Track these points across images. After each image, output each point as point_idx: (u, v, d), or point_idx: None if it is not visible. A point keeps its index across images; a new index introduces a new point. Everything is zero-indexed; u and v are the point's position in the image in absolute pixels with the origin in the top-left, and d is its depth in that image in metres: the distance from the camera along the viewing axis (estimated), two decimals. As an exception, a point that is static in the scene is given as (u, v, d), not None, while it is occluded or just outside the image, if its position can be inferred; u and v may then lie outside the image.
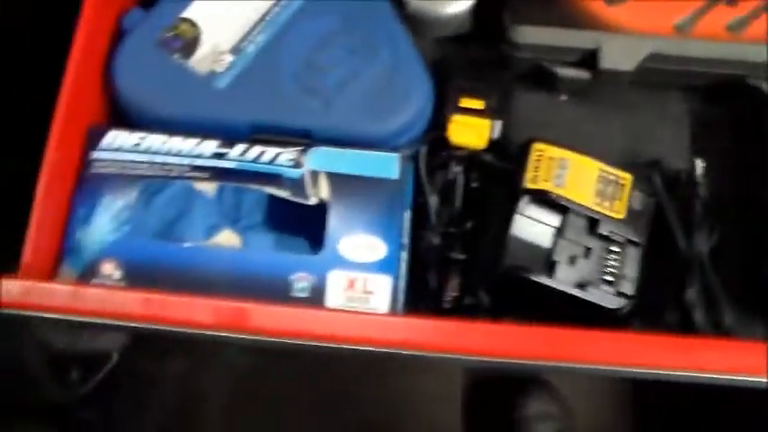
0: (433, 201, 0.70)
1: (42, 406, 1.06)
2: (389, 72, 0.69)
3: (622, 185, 0.69)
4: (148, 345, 1.11)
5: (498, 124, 0.72)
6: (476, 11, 0.76)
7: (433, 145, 0.71)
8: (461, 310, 0.67)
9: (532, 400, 1.01)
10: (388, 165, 0.66)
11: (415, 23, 0.76)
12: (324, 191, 0.65)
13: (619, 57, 0.72)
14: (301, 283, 0.63)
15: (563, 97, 0.77)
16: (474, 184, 0.72)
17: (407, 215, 0.67)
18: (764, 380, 0.59)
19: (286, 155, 0.66)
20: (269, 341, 0.59)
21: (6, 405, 1.03)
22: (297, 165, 0.66)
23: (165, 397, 1.11)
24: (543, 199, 0.67)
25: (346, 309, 0.62)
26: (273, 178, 0.65)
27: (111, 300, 0.60)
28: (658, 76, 0.74)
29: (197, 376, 1.12)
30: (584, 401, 1.07)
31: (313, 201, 0.65)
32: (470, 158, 0.71)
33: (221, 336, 0.59)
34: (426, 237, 0.68)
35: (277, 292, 0.63)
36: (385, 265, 0.63)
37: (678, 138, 0.76)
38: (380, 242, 0.63)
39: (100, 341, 1.09)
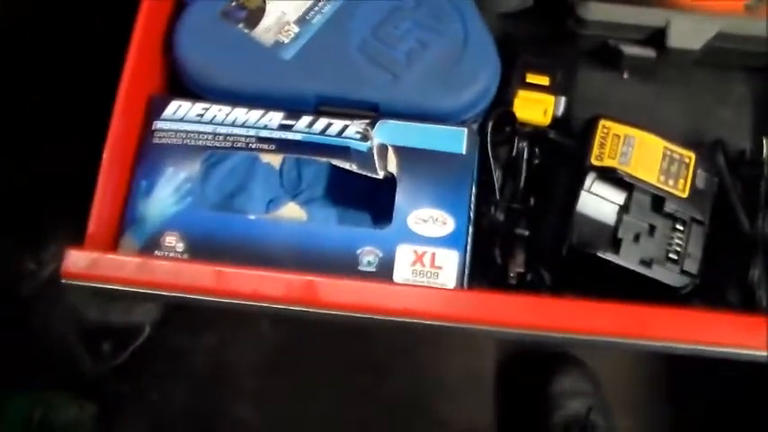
0: (498, 176, 0.70)
1: (76, 378, 1.07)
2: (459, 46, 0.69)
3: (687, 164, 0.69)
4: (181, 317, 1.12)
5: (562, 101, 0.72)
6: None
7: (498, 120, 0.71)
8: (525, 287, 0.68)
9: (564, 376, 1.02)
10: (456, 139, 0.66)
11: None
12: (392, 164, 0.66)
13: (687, 35, 0.72)
14: (369, 257, 0.63)
15: (625, 75, 0.77)
16: (537, 161, 0.72)
17: (474, 190, 0.67)
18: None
19: (354, 128, 0.66)
20: (339, 315, 0.60)
21: (42, 376, 1.04)
22: (365, 138, 0.66)
23: (196, 369, 1.12)
24: (609, 176, 0.68)
25: (414, 283, 0.62)
26: (341, 151, 0.66)
27: (181, 272, 0.60)
28: (724, 56, 0.75)
29: (228, 349, 1.13)
30: (615, 376, 1.07)
31: (381, 174, 0.66)
32: (535, 134, 0.72)
33: (291, 309, 0.60)
34: (491, 212, 0.69)
35: (344, 266, 0.63)
36: (453, 240, 0.64)
37: (740, 119, 0.77)
38: (449, 216, 0.64)
39: (133, 314, 1.10)
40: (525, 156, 0.71)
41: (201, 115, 0.68)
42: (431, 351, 1.11)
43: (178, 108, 0.69)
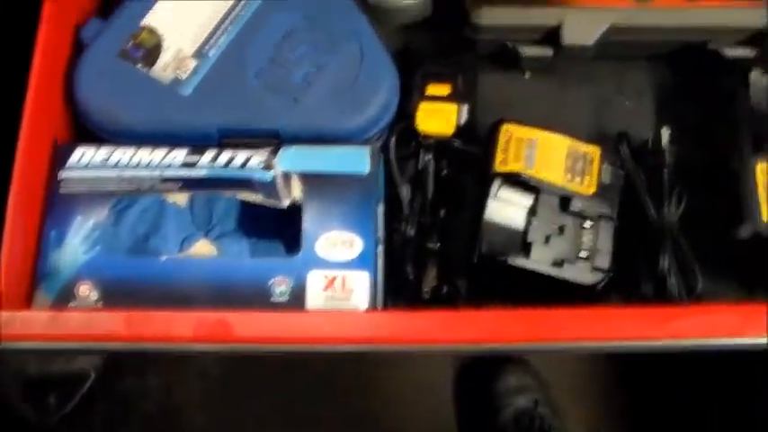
0: (406, 191, 0.74)
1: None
2: (355, 65, 0.74)
3: (591, 160, 0.74)
4: (125, 361, 1.15)
5: (465, 109, 0.77)
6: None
7: (401, 135, 0.75)
8: (441, 300, 0.72)
9: (509, 374, 1.07)
10: (358, 159, 0.70)
11: (378, 12, 0.81)
12: (296, 191, 0.70)
13: (580, 32, 0.77)
14: (280, 287, 0.68)
15: (527, 75, 0.82)
16: (445, 171, 0.76)
17: (381, 208, 0.71)
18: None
19: (257, 158, 0.71)
20: (254, 349, 0.64)
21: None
22: (268, 167, 0.70)
23: (145, 411, 1.16)
24: (515, 181, 0.72)
25: (327, 309, 0.66)
26: (245, 183, 0.70)
27: (93, 322, 0.63)
28: (621, 48, 0.80)
29: (175, 388, 1.16)
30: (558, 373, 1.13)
31: (286, 203, 0.70)
32: (440, 145, 0.76)
33: (205, 348, 0.64)
34: (401, 228, 0.73)
35: (257, 298, 0.67)
36: (362, 262, 0.68)
37: (643, 108, 0.82)
38: (357, 238, 0.68)
39: (76, 362, 1.13)
40: (431, 168, 0.75)
41: (106, 160, 0.72)
42: (379, 367, 1.15)
43: (83, 155, 0.72)
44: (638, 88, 0.83)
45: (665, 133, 0.77)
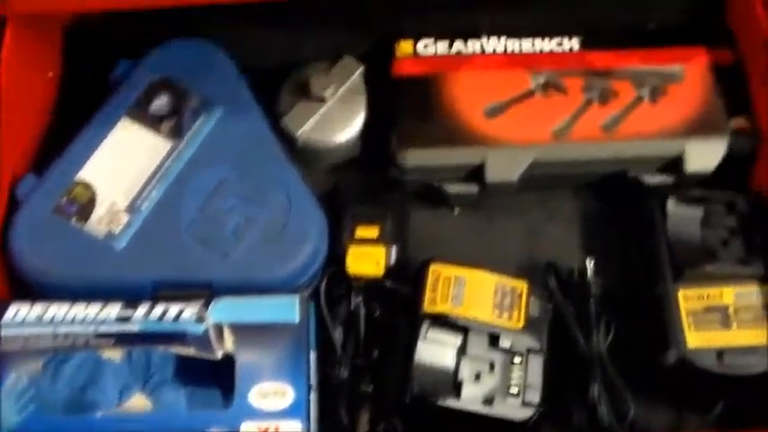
0: (338, 335, 0.77)
1: None
2: (283, 215, 0.77)
3: (519, 294, 0.77)
4: None
5: (394, 250, 0.80)
6: (364, 136, 0.84)
7: (332, 278, 0.78)
8: (377, 442, 0.74)
9: None
10: (287, 309, 0.73)
11: (307, 155, 0.84)
12: (229, 343, 0.72)
13: (502, 169, 0.80)
14: (216, 438, 0.69)
15: (456, 211, 0.85)
16: (378, 313, 0.79)
17: (313, 356, 0.74)
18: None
19: (189, 310, 0.73)
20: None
21: None
22: (200, 319, 0.72)
23: None
24: (443, 321, 0.75)
25: (261, 460, 0.68)
26: (178, 337, 0.72)
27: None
28: (545, 181, 0.83)
29: None
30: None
31: (219, 355, 0.72)
32: (370, 287, 0.78)
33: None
34: (334, 372, 0.75)
35: (194, 451, 0.69)
36: (295, 411, 0.70)
37: (572, 236, 0.85)
38: (288, 387, 0.71)
39: None
40: (362, 310, 0.78)
41: (41, 317, 0.74)
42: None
43: (17, 312, 0.74)
44: (565, 217, 0.86)
45: (590, 264, 0.80)
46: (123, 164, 0.80)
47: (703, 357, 0.76)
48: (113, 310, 0.74)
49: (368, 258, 0.79)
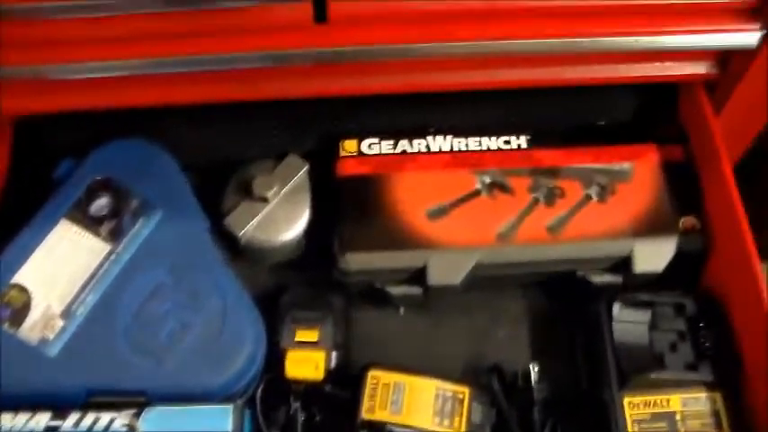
0: (274, 439, 0.76)
1: None
2: (219, 320, 0.77)
3: (461, 400, 0.76)
4: None
5: (334, 354, 0.79)
6: (309, 235, 0.84)
7: (270, 383, 0.77)
8: None
9: None
10: (220, 418, 0.72)
11: (250, 254, 0.84)
12: (159, 454, 0.71)
13: (445, 272, 0.80)
14: None
15: (401, 311, 0.84)
16: (318, 417, 0.78)
17: (244, 465, 0.73)
18: None
19: (120, 420, 0.72)
20: None
21: None
22: (131, 429, 0.72)
23: None
24: (381, 430, 0.74)
25: None
26: (108, 447, 0.71)
27: None
28: (490, 282, 0.83)
29: None
30: None
31: (149, 468, 0.71)
32: (310, 391, 0.78)
33: None
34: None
35: None
36: None
37: (518, 337, 0.85)
38: (218, 506, 0.70)
39: None
40: (301, 415, 0.77)
41: (-33, 425, 0.73)
42: None
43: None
44: (513, 317, 0.86)
45: (534, 369, 0.79)
46: (60, 267, 0.79)
47: (649, 468, 0.75)
48: (43, 419, 0.73)
49: (307, 362, 0.78)
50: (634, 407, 0.77)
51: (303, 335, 0.80)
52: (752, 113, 0.85)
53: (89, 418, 0.73)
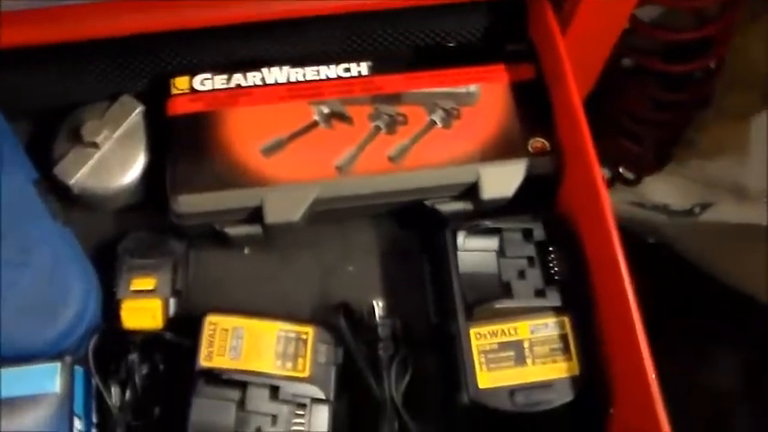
0: (115, 395, 0.75)
1: None
2: (47, 275, 0.75)
3: (305, 341, 0.76)
4: None
5: (173, 302, 0.78)
6: (147, 179, 0.83)
7: (107, 336, 0.76)
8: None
9: None
10: (47, 377, 0.72)
11: (86, 202, 0.82)
12: (-15, 418, 0.70)
13: (283, 209, 0.79)
14: None
15: (246, 251, 0.83)
16: (162, 367, 0.77)
17: (80, 424, 0.72)
18: None
19: (-55, 386, 0.71)
20: None
21: None
22: (-44, 401, 0.71)
23: None
24: (220, 377, 0.73)
25: None
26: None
27: None
28: (334, 216, 0.82)
29: None
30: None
31: (-30, 434, 0.70)
32: (150, 341, 0.77)
33: None
34: (111, 436, 0.74)
35: None
36: (53, 488, 0.69)
37: (368, 272, 0.84)
38: (43, 465, 0.69)
39: None
40: (142, 367, 0.76)
41: None
42: None
43: None
44: (363, 251, 0.85)
45: (378, 305, 0.79)
46: None
47: (495, 397, 0.75)
48: None
49: (144, 312, 0.78)
50: (480, 337, 0.77)
51: (139, 283, 0.79)
52: (599, 35, 0.84)
53: None
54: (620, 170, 1.42)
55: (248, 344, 0.76)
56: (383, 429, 0.75)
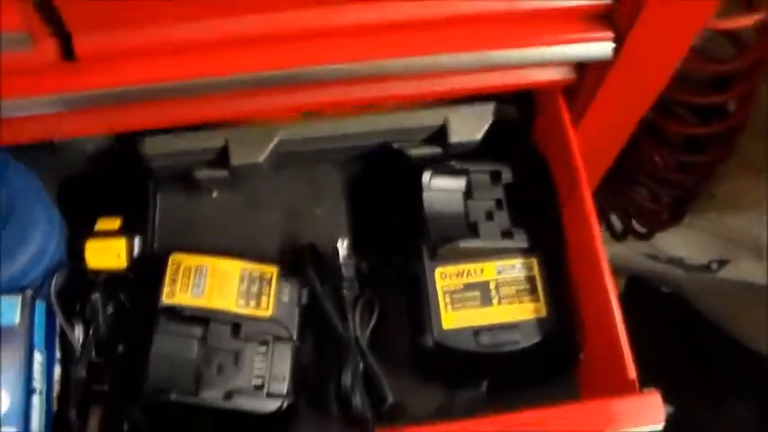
0: (78, 332, 0.76)
1: None
2: (6, 214, 0.75)
3: (268, 280, 0.77)
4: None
5: (137, 240, 0.79)
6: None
7: (72, 275, 0.77)
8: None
9: None
10: (6, 311, 0.72)
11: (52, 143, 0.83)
12: (-56, 351, 0.71)
13: (247, 151, 0.79)
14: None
15: (214, 194, 0.84)
16: (127, 305, 0.78)
17: (40, 357, 0.73)
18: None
19: None
20: None
21: None
22: None
23: None
24: (182, 313, 0.74)
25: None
26: None
27: None
28: (299, 159, 0.82)
29: None
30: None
31: (-67, 363, 0.71)
32: (113, 281, 0.78)
33: None
34: (73, 371, 0.75)
35: None
36: (10, 417, 0.70)
37: (337, 214, 0.84)
38: (3, 393, 0.70)
39: None
40: (105, 306, 0.77)
41: None
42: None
43: None
44: (331, 194, 0.86)
45: (342, 245, 0.80)
46: None
47: (460, 337, 0.76)
48: None
49: (108, 251, 0.78)
50: (446, 277, 0.78)
51: (104, 223, 0.80)
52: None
53: None
54: (633, 223, 1.34)
55: (211, 282, 0.76)
56: (347, 370, 0.76)
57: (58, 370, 0.77)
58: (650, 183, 1.21)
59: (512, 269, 0.79)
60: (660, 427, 0.66)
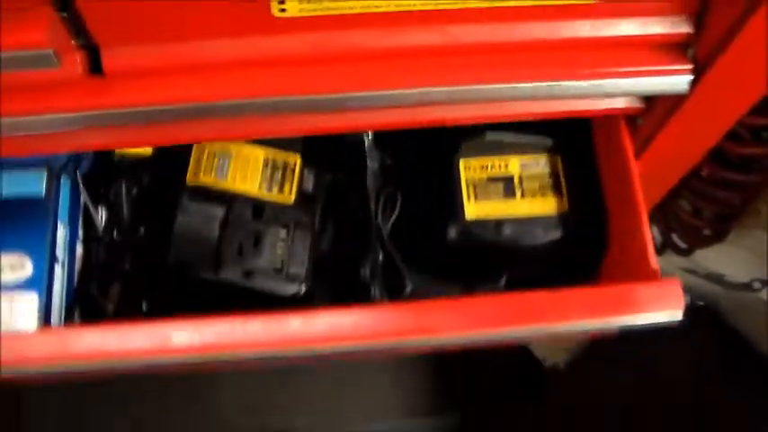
0: (101, 213, 0.77)
1: None
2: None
3: (292, 168, 0.77)
4: None
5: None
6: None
7: (96, 159, 0.78)
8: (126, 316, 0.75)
9: None
10: (33, 183, 0.74)
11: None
12: (-29, 215, 0.73)
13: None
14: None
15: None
16: (150, 191, 0.79)
17: (64, 231, 0.74)
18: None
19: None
20: None
21: None
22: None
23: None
24: (205, 193, 0.75)
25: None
26: None
27: None
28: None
29: None
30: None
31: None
32: (138, 165, 0.79)
33: None
34: (94, 250, 0.76)
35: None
36: (33, 283, 0.71)
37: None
38: (27, 260, 0.71)
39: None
40: (127, 190, 0.78)
41: None
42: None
43: None
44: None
45: (368, 137, 0.80)
46: None
47: (482, 228, 0.76)
48: None
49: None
50: (469, 169, 0.78)
51: (131, 108, 0.81)
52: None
53: None
54: (673, 236, 1.26)
55: (235, 166, 0.77)
56: (367, 258, 0.76)
57: (80, 249, 0.78)
58: (693, 197, 1.17)
59: (536, 165, 0.79)
60: (680, 315, 0.66)
